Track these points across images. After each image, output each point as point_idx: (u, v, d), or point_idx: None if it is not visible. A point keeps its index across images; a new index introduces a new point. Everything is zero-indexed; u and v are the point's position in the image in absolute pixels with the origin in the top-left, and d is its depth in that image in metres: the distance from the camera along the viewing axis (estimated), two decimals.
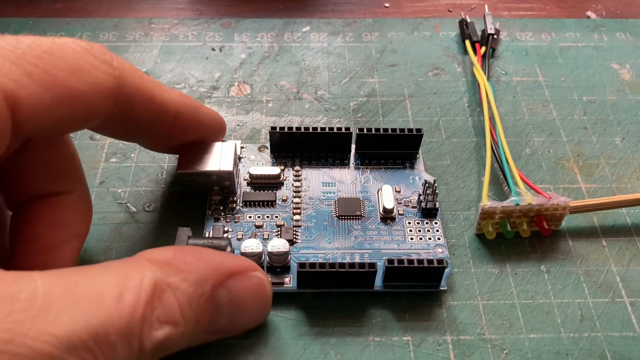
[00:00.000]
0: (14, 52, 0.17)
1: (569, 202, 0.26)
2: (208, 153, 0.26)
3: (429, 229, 0.26)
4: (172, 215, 0.27)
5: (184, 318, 0.18)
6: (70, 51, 0.19)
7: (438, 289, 0.25)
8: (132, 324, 0.16)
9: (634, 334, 0.24)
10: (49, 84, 0.18)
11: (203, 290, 0.19)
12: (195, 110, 0.25)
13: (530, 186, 0.27)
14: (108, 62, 0.20)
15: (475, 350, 0.23)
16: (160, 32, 0.37)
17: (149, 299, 0.17)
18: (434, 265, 0.23)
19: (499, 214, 0.26)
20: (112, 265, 0.18)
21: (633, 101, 0.34)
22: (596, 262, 0.26)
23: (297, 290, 0.24)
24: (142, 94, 0.21)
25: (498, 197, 0.28)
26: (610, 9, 0.40)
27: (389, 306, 0.24)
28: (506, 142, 0.28)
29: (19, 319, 0.14)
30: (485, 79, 0.32)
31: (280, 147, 0.29)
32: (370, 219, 0.27)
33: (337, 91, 0.34)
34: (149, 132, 0.24)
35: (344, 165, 0.29)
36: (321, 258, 0.25)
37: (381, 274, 0.24)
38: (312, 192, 0.28)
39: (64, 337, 0.15)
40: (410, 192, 0.28)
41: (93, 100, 0.19)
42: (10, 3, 0.38)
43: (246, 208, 0.27)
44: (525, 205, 0.26)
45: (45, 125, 0.18)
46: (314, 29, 0.38)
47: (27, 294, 0.15)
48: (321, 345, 0.23)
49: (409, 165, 0.29)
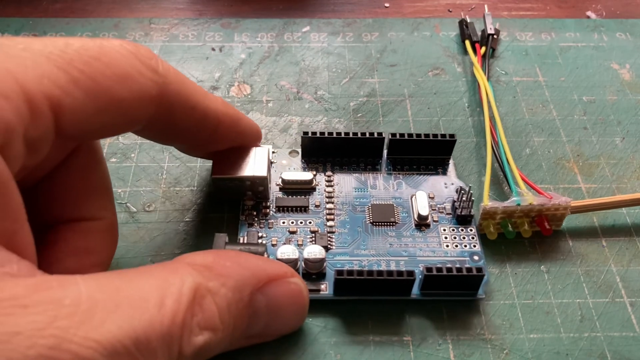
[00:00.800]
0: (62, 57, 0.17)
1: (570, 202, 0.26)
2: (242, 158, 0.26)
3: (464, 235, 0.26)
4: (172, 216, 0.27)
5: (223, 324, 0.18)
6: (117, 56, 0.18)
7: (475, 297, 0.24)
8: (173, 329, 0.16)
9: (634, 334, 0.24)
10: (93, 91, 0.17)
11: (242, 296, 0.19)
12: (235, 121, 0.25)
13: (531, 186, 0.27)
14: (153, 68, 0.19)
15: (475, 350, 0.23)
16: (160, 32, 0.37)
17: (190, 304, 0.17)
18: (472, 274, 0.23)
19: (500, 214, 0.26)
20: (152, 269, 0.18)
21: (633, 101, 0.34)
22: (596, 262, 0.26)
23: (334, 298, 0.24)
24: (185, 102, 0.21)
25: (499, 197, 0.28)
26: (610, 9, 0.40)
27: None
28: (507, 142, 0.28)
29: (64, 325, 0.14)
30: (485, 79, 0.32)
31: (311, 151, 0.29)
32: (404, 225, 0.27)
33: (337, 91, 0.34)
34: (187, 139, 0.24)
35: (375, 171, 0.29)
36: (356, 265, 0.25)
37: (418, 282, 0.24)
38: (344, 197, 0.28)
39: (107, 342, 0.14)
40: (443, 198, 0.28)
41: (136, 108, 0.19)
42: (10, 3, 0.38)
43: (279, 213, 0.27)
44: (527, 206, 0.26)
45: (86, 130, 0.18)
46: (314, 29, 0.38)
47: (72, 299, 0.15)
48: (321, 345, 0.23)
49: (441, 171, 0.29)
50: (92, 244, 0.21)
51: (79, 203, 0.21)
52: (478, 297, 0.24)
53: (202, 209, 0.28)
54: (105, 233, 0.22)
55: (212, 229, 0.27)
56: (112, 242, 0.23)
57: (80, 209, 0.21)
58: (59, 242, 0.21)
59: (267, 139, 0.31)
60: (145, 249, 0.26)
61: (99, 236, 0.22)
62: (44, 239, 0.21)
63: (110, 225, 0.23)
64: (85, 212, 0.22)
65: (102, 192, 0.22)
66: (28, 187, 0.19)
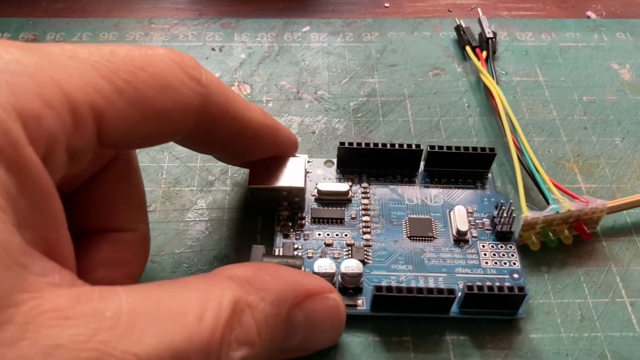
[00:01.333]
0: (107, 66, 0.17)
1: (606, 204, 0.26)
2: (279, 168, 0.26)
3: (504, 252, 0.26)
4: (172, 216, 0.27)
5: (261, 338, 0.18)
6: (162, 65, 0.18)
7: (516, 317, 0.24)
8: (212, 344, 0.16)
9: (634, 334, 0.24)
10: (137, 101, 0.17)
11: (280, 311, 0.19)
12: (273, 132, 0.25)
13: (565, 192, 0.26)
14: (197, 78, 0.19)
15: (475, 351, 0.23)
16: (160, 32, 0.37)
17: (229, 318, 0.16)
18: (515, 293, 0.23)
19: (541, 224, 0.26)
20: (192, 282, 0.17)
21: (633, 101, 0.34)
22: (596, 262, 0.26)
23: (371, 314, 0.24)
24: (226, 113, 0.21)
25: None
26: (610, 9, 0.40)
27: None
28: (531, 150, 0.28)
29: (106, 338, 0.14)
30: (495, 84, 0.31)
31: (347, 162, 0.28)
32: (442, 240, 0.26)
33: (337, 91, 0.34)
34: (225, 148, 0.24)
35: (411, 183, 0.28)
36: (394, 280, 0.25)
37: (458, 300, 0.24)
38: (380, 210, 0.27)
39: (146, 356, 0.14)
40: (482, 213, 0.27)
41: (178, 118, 0.19)
42: (10, 3, 0.38)
43: (315, 225, 0.26)
44: (565, 212, 0.25)
45: (128, 140, 0.18)
46: (314, 29, 0.38)
47: (113, 312, 0.14)
48: None
49: (479, 185, 0.28)
50: (124, 255, 0.21)
51: (114, 213, 0.21)
52: (518, 317, 0.24)
53: (202, 209, 0.28)
54: (137, 245, 0.22)
55: (213, 229, 0.27)
56: (144, 255, 0.22)
57: (115, 219, 0.21)
58: (90, 252, 0.20)
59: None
60: None
61: (131, 248, 0.22)
62: (76, 248, 0.21)
63: (143, 238, 0.22)
64: (119, 223, 0.21)
65: (136, 203, 0.22)
66: (64, 195, 0.19)
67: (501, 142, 0.31)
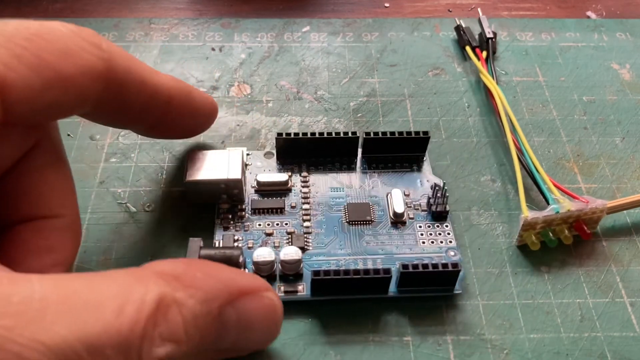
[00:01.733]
0: (2, 35, 0.17)
1: (606, 204, 0.26)
2: (215, 161, 0.26)
3: (440, 232, 0.26)
4: (172, 216, 0.27)
5: (188, 336, 0.17)
6: (59, 34, 0.18)
7: (452, 293, 0.24)
8: (131, 339, 0.15)
9: (634, 334, 0.24)
10: (38, 66, 0.17)
11: (210, 309, 0.18)
12: (187, 94, 0.24)
13: (565, 192, 0.26)
14: (97, 44, 0.19)
15: (475, 350, 0.23)
16: (160, 32, 0.37)
17: (152, 314, 0.16)
18: (449, 270, 0.23)
19: (541, 223, 0.26)
20: (116, 275, 0.17)
21: (633, 101, 0.34)
22: (596, 262, 0.26)
23: (311, 298, 0.24)
24: (133, 77, 0.21)
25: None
26: (610, 9, 0.40)
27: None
28: (531, 150, 0.28)
29: (9, 324, 0.13)
30: (495, 84, 0.31)
31: (286, 153, 0.29)
32: (380, 223, 0.27)
33: (337, 91, 0.34)
34: (141, 118, 0.24)
35: (351, 170, 0.29)
36: (333, 264, 0.25)
37: (395, 279, 0.24)
38: (320, 197, 0.28)
39: (55, 346, 0.14)
40: (419, 195, 0.28)
41: (83, 84, 0.19)
42: (10, 3, 0.38)
43: (255, 216, 0.27)
44: (565, 212, 0.25)
45: (35, 109, 0.18)
46: (314, 29, 0.38)
47: (21, 298, 0.14)
48: (321, 345, 0.23)
49: (416, 168, 0.29)
50: (52, 242, 0.21)
51: (39, 200, 0.21)
52: (455, 293, 0.24)
53: (202, 208, 0.28)
54: (65, 231, 0.22)
55: (212, 229, 0.27)
56: (73, 240, 0.22)
57: (40, 206, 0.21)
58: (17, 241, 0.20)
59: (267, 139, 0.31)
60: (145, 249, 0.26)
61: (59, 234, 0.21)
62: (3, 239, 0.20)
63: (71, 223, 0.22)
64: (45, 210, 0.21)
65: (63, 190, 0.22)
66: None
67: (501, 142, 0.31)
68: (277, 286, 0.24)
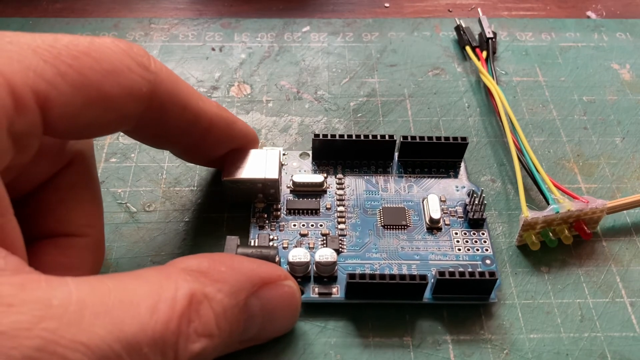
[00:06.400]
0: (49, 51, 0.17)
1: (606, 204, 0.26)
2: (253, 160, 0.26)
3: (476, 239, 0.26)
4: (172, 216, 0.27)
5: (220, 329, 0.18)
6: (107, 52, 0.18)
7: (488, 301, 0.24)
8: (166, 336, 0.16)
9: (634, 334, 0.24)
10: (82, 85, 0.17)
11: (237, 301, 0.19)
12: (229, 124, 0.24)
13: (565, 192, 0.26)
14: (145, 65, 0.19)
15: (475, 350, 0.23)
16: (160, 32, 0.37)
17: (185, 310, 0.17)
18: (485, 278, 0.23)
19: (541, 223, 0.26)
20: (145, 274, 0.17)
21: (633, 101, 0.34)
22: (596, 262, 0.26)
23: (345, 301, 0.24)
24: (176, 101, 0.21)
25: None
26: (610, 9, 0.40)
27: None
28: (531, 150, 0.28)
29: (52, 326, 0.14)
30: (495, 83, 0.31)
31: (322, 154, 0.29)
32: (416, 228, 0.26)
33: (337, 91, 0.34)
34: (179, 141, 0.24)
35: (386, 173, 0.29)
36: (368, 268, 0.25)
37: (430, 286, 0.24)
38: (355, 200, 0.27)
39: (95, 346, 0.14)
40: (455, 201, 0.27)
41: (125, 104, 0.19)
42: (10, 3, 0.38)
43: (290, 216, 0.27)
44: (565, 212, 0.25)
45: (75, 126, 0.18)
46: (314, 29, 0.38)
47: (60, 300, 0.14)
48: (321, 345, 0.23)
49: (452, 174, 0.29)
50: (73, 260, 0.21)
51: (66, 218, 0.21)
52: (490, 301, 0.24)
53: (202, 208, 0.28)
54: (89, 250, 0.22)
55: (212, 229, 0.27)
56: (96, 260, 0.22)
57: (66, 224, 0.21)
58: (39, 256, 0.20)
59: (267, 139, 0.31)
60: (145, 249, 0.26)
61: (81, 253, 0.21)
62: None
63: (96, 243, 0.22)
64: (71, 228, 0.21)
65: (90, 209, 0.22)
66: (16, 199, 0.19)
67: (501, 142, 0.31)
68: (311, 288, 0.24)
